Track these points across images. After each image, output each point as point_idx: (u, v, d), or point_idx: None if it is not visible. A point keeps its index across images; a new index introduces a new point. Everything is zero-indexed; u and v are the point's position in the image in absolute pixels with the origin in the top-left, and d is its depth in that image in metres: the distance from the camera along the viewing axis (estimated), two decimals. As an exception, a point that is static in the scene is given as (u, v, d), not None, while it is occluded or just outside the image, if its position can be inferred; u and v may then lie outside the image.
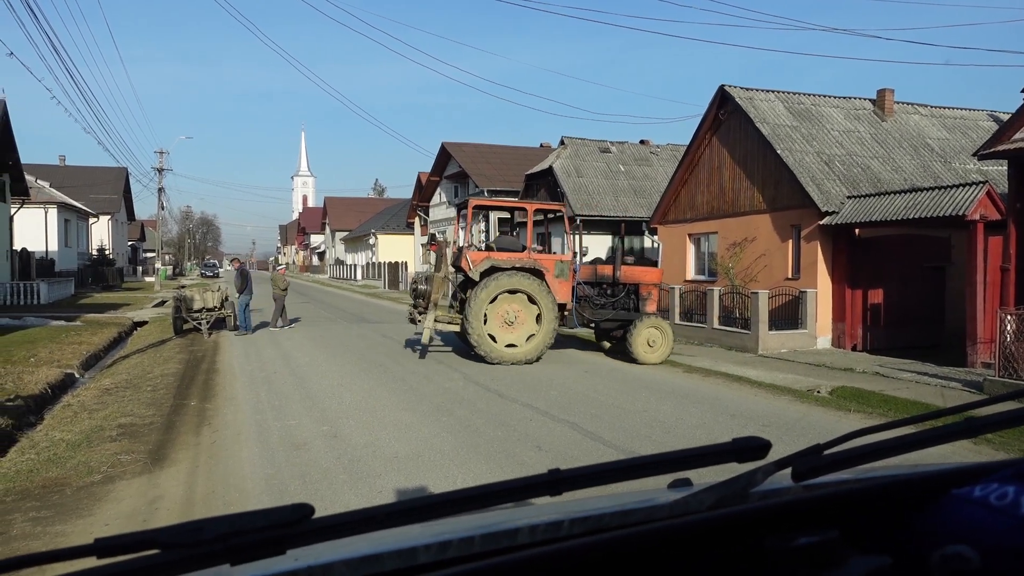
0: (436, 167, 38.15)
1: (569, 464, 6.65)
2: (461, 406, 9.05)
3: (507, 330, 12.84)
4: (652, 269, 14.78)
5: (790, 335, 14.93)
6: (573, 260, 13.85)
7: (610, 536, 0.76)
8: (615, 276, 14.16)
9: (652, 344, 12.99)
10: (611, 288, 14.32)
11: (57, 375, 12.23)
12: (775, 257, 16.57)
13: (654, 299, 14.25)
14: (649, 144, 30.68)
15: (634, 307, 14.12)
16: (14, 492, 5.93)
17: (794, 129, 17.38)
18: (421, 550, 0.82)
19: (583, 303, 14.01)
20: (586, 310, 13.94)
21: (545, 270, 13.26)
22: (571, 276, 13.57)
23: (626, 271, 14.31)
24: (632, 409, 8.89)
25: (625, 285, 14.24)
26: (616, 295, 14.27)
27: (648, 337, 12.99)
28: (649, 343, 12.97)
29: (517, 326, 12.89)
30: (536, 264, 13.20)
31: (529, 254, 13.37)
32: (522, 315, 12.93)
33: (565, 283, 13.48)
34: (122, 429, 8.06)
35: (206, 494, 5.80)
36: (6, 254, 28.88)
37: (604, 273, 14.28)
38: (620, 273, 14.14)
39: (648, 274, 14.44)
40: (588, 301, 14.07)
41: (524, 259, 13.19)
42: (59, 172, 47.60)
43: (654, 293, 14.27)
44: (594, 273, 14.36)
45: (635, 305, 14.14)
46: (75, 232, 42.30)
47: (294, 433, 7.73)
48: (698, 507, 0.88)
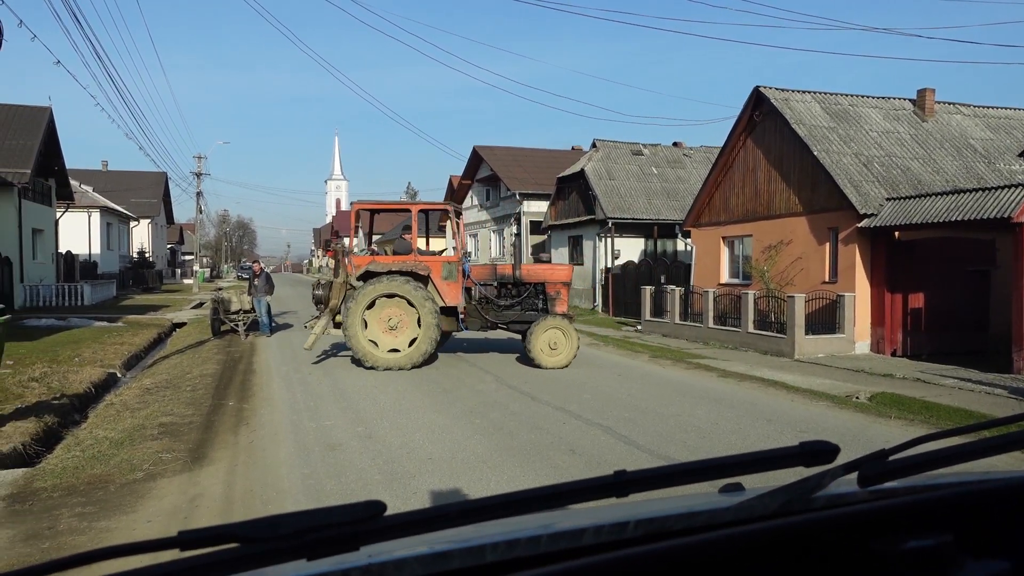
0: (468, 170, 38.30)
1: (604, 468, 6.61)
2: (494, 409, 9.06)
3: (391, 335, 12.47)
4: (559, 267, 14.13)
5: (827, 340, 14.67)
6: (463, 261, 13.16)
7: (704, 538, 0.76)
8: (515, 275, 13.40)
9: (554, 347, 12.37)
10: (515, 288, 13.53)
11: (100, 374, 12.54)
12: (812, 260, 16.30)
13: (564, 299, 13.25)
14: (682, 146, 30.43)
15: (543, 307, 13.30)
16: (61, 488, 6.10)
17: (831, 130, 17.09)
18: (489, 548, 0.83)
19: (486, 305, 13.39)
20: (489, 312, 13.31)
21: (430, 272, 12.84)
22: (460, 277, 13.02)
23: (528, 270, 13.59)
24: (666, 413, 8.81)
25: (530, 285, 13.44)
26: (520, 295, 13.50)
27: (549, 339, 12.36)
28: (551, 345, 12.36)
29: (400, 331, 12.48)
30: (416, 267, 12.71)
31: (415, 257, 12.99)
32: (404, 319, 12.49)
33: (454, 284, 12.97)
34: (163, 428, 8.24)
35: (244, 493, 5.90)
36: (52, 257, 29.71)
37: (504, 273, 13.54)
38: (520, 272, 13.40)
39: (554, 272, 13.61)
40: (490, 303, 13.39)
41: (406, 262, 12.79)
42: (102, 177, 48.84)
43: (563, 292, 13.26)
44: (493, 273, 13.65)
45: (543, 305, 13.32)
46: (117, 235, 43.37)
47: (329, 434, 7.82)
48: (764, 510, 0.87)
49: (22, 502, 5.75)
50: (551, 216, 29.70)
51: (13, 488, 6.12)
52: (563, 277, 13.43)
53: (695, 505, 0.97)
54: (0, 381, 10.04)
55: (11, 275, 24.21)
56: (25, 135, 25.77)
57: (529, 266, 13.92)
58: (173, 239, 65.69)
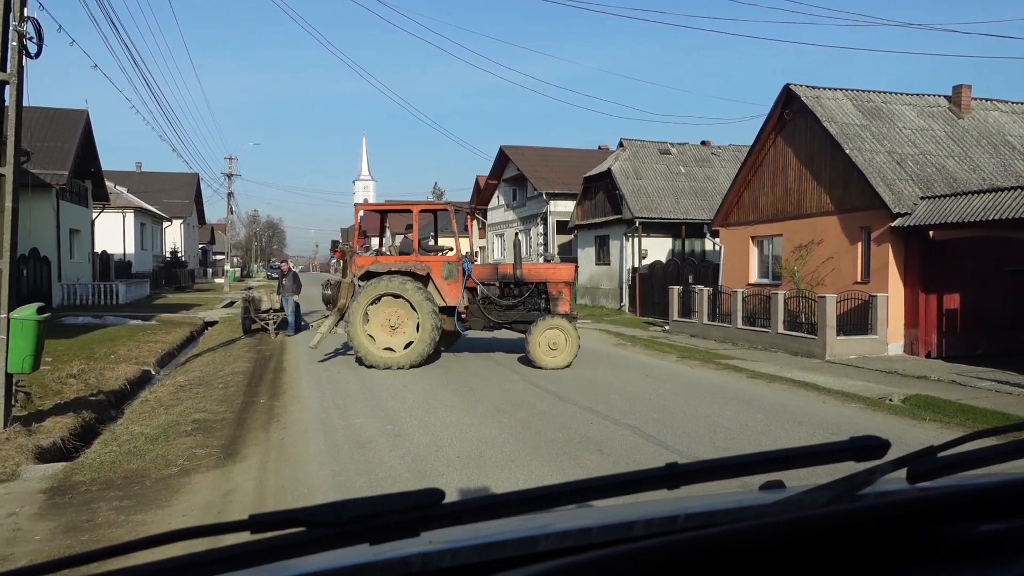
0: (494, 170, 38.37)
1: (632, 468, 6.60)
2: (521, 408, 9.08)
3: (392, 334, 12.57)
4: (561, 266, 13.96)
5: (859, 341, 14.44)
6: (463, 260, 13.12)
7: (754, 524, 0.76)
8: (516, 275, 13.23)
9: (554, 347, 12.23)
10: (517, 288, 13.39)
11: (135, 372, 12.81)
12: (843, 260, 16.06)
13: (566, 298, 13.11)
14: (710, 145, 30.16)
15: (544, 307, 13.16)
16: (99, 482, 6.24)
17: (863, 128, 16.82)
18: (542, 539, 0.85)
19: (488, 305, 13.29)
20: (491, 312, 13.23)
21: (431, 272, 12.89)
22: (460, 277, 13.00)
23: (529, 269, 13.49)
24: (695, 414, 8.75)
25: (532, 284, 13.29)
26: (522, 295, 13.35)
27: (549, 340, 12.23)
28: (550, 346, 12.23)
29: (400, 330, 12.57)
30: (415, 267, 12.80)
31: (416, 257, 13.07)
32: (405, 319, 12.59)
33: (454, 284, 12.97)
34: (196, 424, 8.39)
35: (276, 489, 5.98)
36: (88, 256, 30.39)
37: (506, 272, 13.42)
38: (521, 272, 13.21)
39: (555, 272, 13.51)
40: (492, 303, 13.27)
41: (406, 262, 12.87)
42: (136, 178, 49.83)
43: (565, 292, 13.13)
44: (495, 273, 13.55)
45: (545, 305, 13.18)
46: (150, 235, 44.22)
47: (358, 431, 7.90)
48: (812, 505, 0.87)
49: (62, 495, 5.90)
50: (578, 216, 29.64)
51: (53, 481, 6.28)
52: (564, 276, 13.29)
53: (743, 500, 0.97)
54: (40, 377, 10.29)
55: (50, 274, 24.81)
56: (63, 138, 26.39)
57: (530, 265, 13.87)
58: (204, 239, 66.78)
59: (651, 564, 0.69)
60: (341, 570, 0.79)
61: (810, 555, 0.74)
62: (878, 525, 0.77)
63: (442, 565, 0.81)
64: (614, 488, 0.82)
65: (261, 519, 0.72)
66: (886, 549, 0.76)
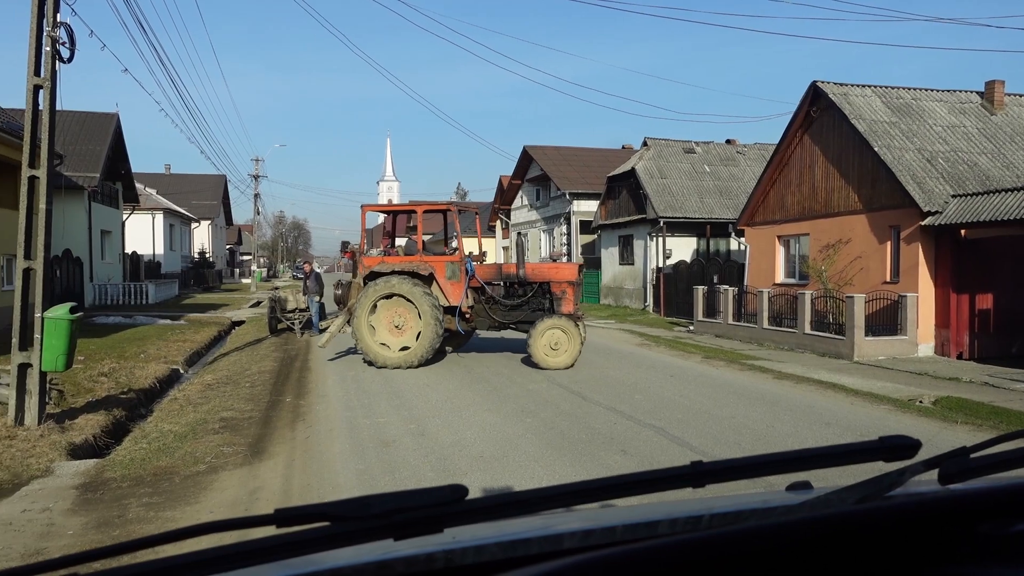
0: (518, 170, 38.36)
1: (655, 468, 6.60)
2: (545, 408, 9.07)
3: (396, 334, 12.64)
4: (564, 265, 13.74)
5: (888, 342, 14.21)
6: (465, 260, 13.02)
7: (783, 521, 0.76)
8: (519, 275, 13.10)
9: (555, 347, 12.09)
10: (521, 288, 13.26)
11: (164, 370, 13.02)
12: (872, 260, 15.81)
13: (569, 298, 12.86)
14: (735, 144, 29.88)
15: (549, 307, 12.99)
16: (129, 479, 6.35)
17: (892, 125, 16.55)
18: (566, 536, 0.85)
19: (493, 305, 13.21)
20: (496, 312, 13.16)
21: (434, 272, 12.88)
22: (462, 277, 12.94)
23: (532, 269, 13.35)
24: (720, 415, 8.68)
25: (535, 284, 13.13)
26: (526, 295, 13.20)
27: (550, 340, 12.09)
28: (552, 346, 12.09)
29: (404, 330, 12.62)
30: (418, 267, 12.81)
31: (420, 257, 13.14)
32: (409, 319, 12.60)
33: (457, 284, 12.93)
34: (224, 422, 8.50)
35: (302, 487, 6.04)
36: (119, 257, 30.95)
37: (509, 272, 13.27)
38: (524, 271, 13.09)
39: (559, 271, 13.28)
40: (497, 303, 13.18)
41: (410, 263, 12.91)
42: (165, 180, 50.64)
43: (569, 292, 12.88)
44: (499, 272, 13.40)
45: (550, 305, 12.99)
46: (179, 236, 44.91)
47: (383, 430, 7.95)
48: (840, 505, 0.86)
49: (94, 491, 6.01)
50: (601, 215, 29.54)
51: (86, 477, 6.41)
52: (568, 276, 13.06)
53: (770, 500, 0.96)
54: (72, 376, 10.51)
55: (82, 274, 25.30)
56: (94, 141, 26.91)
57: (534, 265, 13.76)
58: (232, 240, 67.65)
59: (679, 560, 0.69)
60: (365, 565, 0.80)
61: (840, 553, 0.72)
62: (909, 524, 0.76)
63: (465, 561, 0.81)
64: (639, 486, 0.82)
65: (287, 513, 0.73)
66: (917, 548, 0.75)
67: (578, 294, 13.22)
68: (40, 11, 7.84)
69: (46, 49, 7.92)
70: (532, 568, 0.69)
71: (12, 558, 4.59)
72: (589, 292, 30.89)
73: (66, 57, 8.09)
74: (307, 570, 0.79)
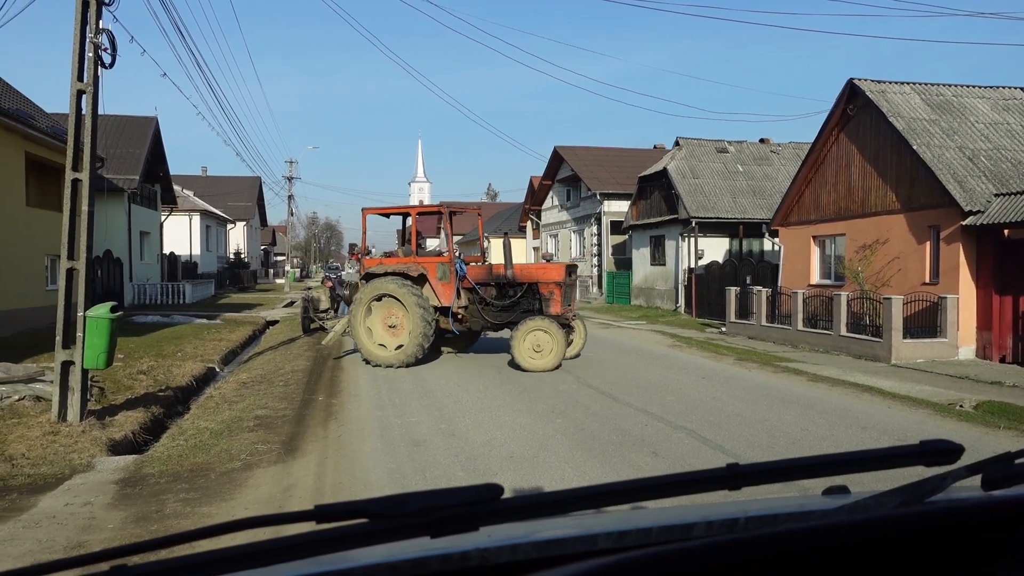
0: (548, 171, 38.33)
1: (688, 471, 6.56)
2: (575, 409, 9.04)
3: (392, 333, 12.91)
4: (551, 266, 13.59)
5: (927, 344, 13.89)
6: (455, 261, 13.14)
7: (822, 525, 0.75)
8: (507, 276, 13.05)
9: (538, 349, 11.97)
10: (512, 289, 13.20)
11: (200, 369, 13.27)
12: (910, 260, 15.48)
13: (557, 299, 12.79)
14: (769, 142, 29.48)
15: (538, 308, 12.91)
16: (167, 474, 6.49)
17: (932, 123, 16.18)
18: (601, 537, 0.85)
19: (485, 306, 13.23)
20: (489, 313, 13.20)
21: (427, 273, 13.06)
22: (452, 278, 13.04)
23: (520, 270, 13.28)
24: (753, 418, 8.56)
25: (524, 285, 13.07)
26: (515, 296, 13.15)
27: (533, 341, 11.99)
28: (535, 348, 11.98)
29: (398, 330, 12.86)
30: (409, 268, 13.02)
31: (413, 259, 13.39)
32: (402, 319, 12.79)
33: (448, 285, 13.04)
34: (258, 420, 8.64)
35: (334, 485, 6.11)
36: (157, 257, 31.63)
37: (499, 273, 13.22)
38: (512, 272, 13.02)
39: (546, 272, 13.19)
40: (489, 304, 13.21)
41: (402, 264, 13.17)
42: (201, 182, 51.64)
43: (556, 292, 12.80)
44: (489, 273, 13.36)
45: (539, 306, 12.92)
46: (215, 237, 45.74)
47: (414, 429, 8.00)
48: (879, 511, 0.85)
49: (133, 486, 6.15)
50: (632, 216, 29.37)
51: (125, 473, 6.56)
52: (555, 277, 12.93)
53: (807, 504, 0.95)
54: (112, 373, 10.76)
55: (122, 274, 25.91)
56: (134, 144, 27.55)
57: (522, 266, 13.74)
58: (266, 241, 68.72)
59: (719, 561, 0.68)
60: (401, 562, 0.80)
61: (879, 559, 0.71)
62: (951, 530, 0.74)
63: (500, 560, 0.81)
64: (674, 487, 0.81)
65: (326, 509, 0.75)
66: (959, 555, 0.74)
67: (571, 295, 13.17)
68: (83, 18, 8.05)
69: (89, 55, 8.13)
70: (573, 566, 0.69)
71: (55, 550, 4.71)
72: (620, 293, 30.74)
73: (108, 63, 8.29)
74: (344, 566, 0.81)
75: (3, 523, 5.21)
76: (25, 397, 9.04)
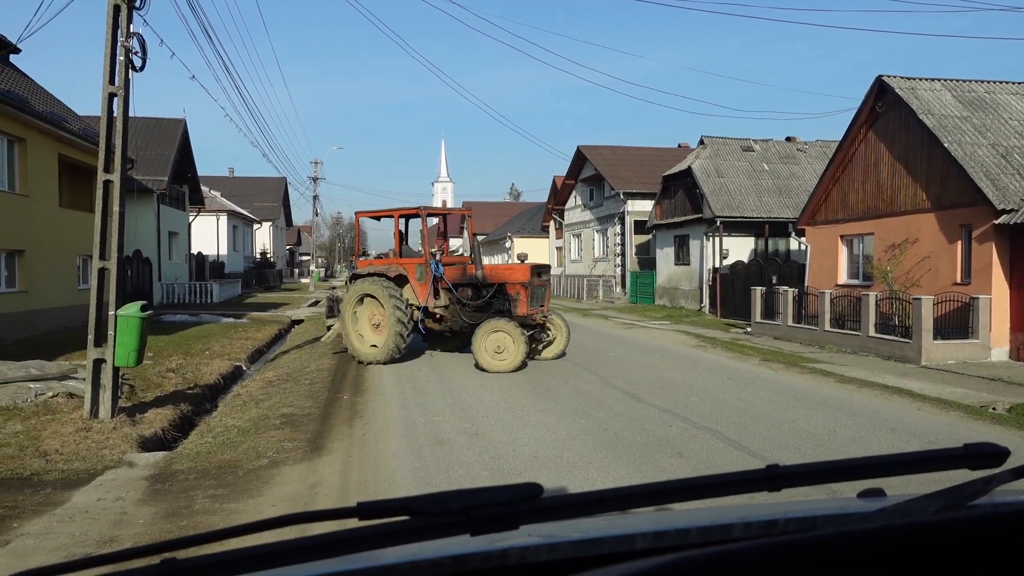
0: (571, 170, 38.26)
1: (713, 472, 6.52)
2: (598, 409, 9.02)
3: (377, 332, 13.31)
4: (517, 267, 13.61)
5: (959, 345, 13.64)
6: (430, 262, 13.29)
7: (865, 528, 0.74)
8: (477, 276, 13.19)
9: (499, 350, 11.99)
10: (484, 289, 13.28)
11: (228, 367, 13.45)
12: (941, 260, 15.21)
13: (523, 299, 12.83)
14: (796, 141, 29.14)
15: (507, 309, 12.93)
16: (195, 471, 6.58)
17: (964, 120, 15.88)
18: (639, 537, 0.85)
19: (462, 307, 13.34)
20: (465, 313, 13.27)
21: (407, 274, 13.42)
22: (428, 278, 13.29)
23: (489, 270, 13.44)
24: (779, 419, 8.47)
25: (493, 285, 13.14)
26: (486, 296, 13.21)
27: (493, 343, 12.02)
28: (496, 350, 12.00)
29: (382, 328, 13.19)
30: (387, 269, 13.52)
31: (395, 260, 13.93)
32: (384, 318, 13.11)
33: (424, 286, 13.34)
34: (284, 418, 8.73)
35: (360, 483, 6.16)
36: (185, 257, 32.11)
37: (471, 274, 13.36)
38: (482, 273, 13.19)
39: (512, 273, 13.29)
40: (464, 304, 13.32)
41: (384, 265, 13.70)
42: (228, 183, 52.30)
43: (522, 293, 12.86)
44: (463, 274, 13.48)
45: (508, 307, 12.95)
46: (241, 237, 46.31)
47: (438, 429, 8.03)
48: (920, 514, 0.83)
49: (163, 482, 6.26)
50: (656, 215, 29.21)
51: (155, 469, 6.67)
52: (520, 278, 13.00)
53: (847, 506, 0.94)
54: (142, 371, 10.95)
55: (151, 274, 26.35)
56: (163, 145, 27.99)
57: (492, 267, 13.90)
58: (291, 241, 69.42)
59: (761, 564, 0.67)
60: (442, 559, 0.81)
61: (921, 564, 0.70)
62: (995, 535, 0.72)
63: (540, 559, 0.82)
64: (713, 488, 0.81)
65: (369, 506, 0.76)
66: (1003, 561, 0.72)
67: (540, 295, 13.21)
68: (114, 22, 8.20)
69: (120, 58, 8.28)
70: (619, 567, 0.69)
71: (88, 544, 4.81)
72: (644, 293, 30.59)
73: (138, 66, 8.43)
74: (387, 562, 0.81)
75: (38, 517, 5.32)
76: (59, 394, 9.23)
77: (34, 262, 16.55)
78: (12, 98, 15.29)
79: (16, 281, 16.12)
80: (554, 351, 13.55)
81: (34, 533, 5.00)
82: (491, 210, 75.86)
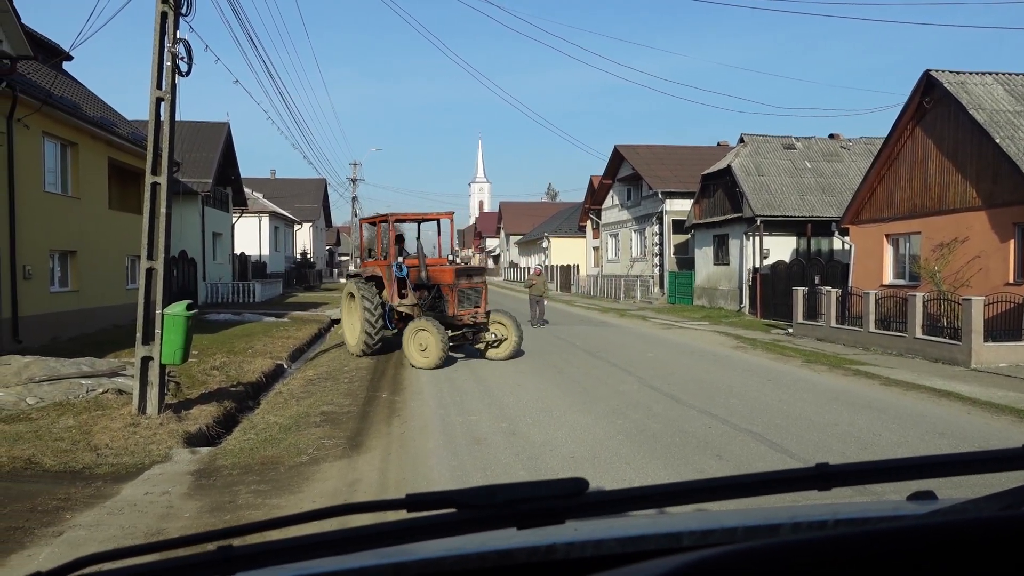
0: (608, 170, 38.03)
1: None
2: (636, 410, 8.96)
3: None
4: (444, 269, 14.15)
5: (1012, 347, 13.19)
6: (394, 265, 13.94)
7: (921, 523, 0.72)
8: (421, 277, 13.88)
9: (423, 348, 12.44)
10: (428, 290, 13.95)
11: (270, 365, 13.69)
12: (992, 259, 14.74)
13: (451, 300, 13.38)
14: (839, 138, 28.51)
15: (442, 309, 13.56)
16: (239, 467, 6.73)
17: (1017, 115, 15.36)
18: (685, 535, 0.84)
19: (422, 307, 13.81)
20: (422, 312, 13.66)
21: (381, 276, 14.30)
22: (392, 280, 13.95)
23: (431, 272, 14.03)
24: (821, 422, 8.31)
25: (436, 286, 13.81)
26: (428, 297, 13.89)
27: (419, 341, 12.48)
28: (421, 347, 12.46)
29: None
30: (364, 271, 14.83)
31: (376, 263, 15.03)
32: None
33: (392, 286, 14.07)
34: (324, 416, 8.86)
35: (398, 481, 6.22)
36: (228, 257, 32.79)
37: (419, 275, 14.00)
38: (425, 274, 13.87)
39: (443, 274, 13.89)
40: (418, 304, 13.81)
41: (364, 267, 14.96)
42: (270, 184, 53.23)
43: (450, 295, 13.40)
44: (417, 276, 14.02)
45: (443, 307, 13.55)
46: (283, 238, 47.11)
47: (475, 428, 8.07)
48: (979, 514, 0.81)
49: (207, 477, 6.40)
50: (695, 215, 28.87)
51: (200, 464, 6.83)
52: (446, 279, 13.64)
53: (901, 507, 0.92)
54: (187, 369, 11.22)
55: (195, 274, 26.97)
56: (207, 148, 28.63)
57: (432, 268, 14.24)
58: (331, 241, 70.36)
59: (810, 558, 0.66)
60: (489, 553, 0.82)
61: (984, 561, 0.67)
62: None
63: (585, 554, 0.82)
64: (761, 486, 0.80)
65: (417, 498, 0.77)
66: None
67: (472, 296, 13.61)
68: (162, 29, 8.42)
69: (167, 64, 8.49)
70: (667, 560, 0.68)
71: (137, 536, 4.95)
72: (682, 293, 30.27)
73: (184, 71, 8.64)
74: (434, 555, 0.83)
75: (90, 509, 5.50)
76: (108, 390, 9.51)
77: (85, 262, 17.08)
78: (65, 104, 15.81)
79: (69, 281, 16.66)
80: (504, 352, 13.72)
81: (85, 524, 5.16)
82: (528, 210, 75.86)
